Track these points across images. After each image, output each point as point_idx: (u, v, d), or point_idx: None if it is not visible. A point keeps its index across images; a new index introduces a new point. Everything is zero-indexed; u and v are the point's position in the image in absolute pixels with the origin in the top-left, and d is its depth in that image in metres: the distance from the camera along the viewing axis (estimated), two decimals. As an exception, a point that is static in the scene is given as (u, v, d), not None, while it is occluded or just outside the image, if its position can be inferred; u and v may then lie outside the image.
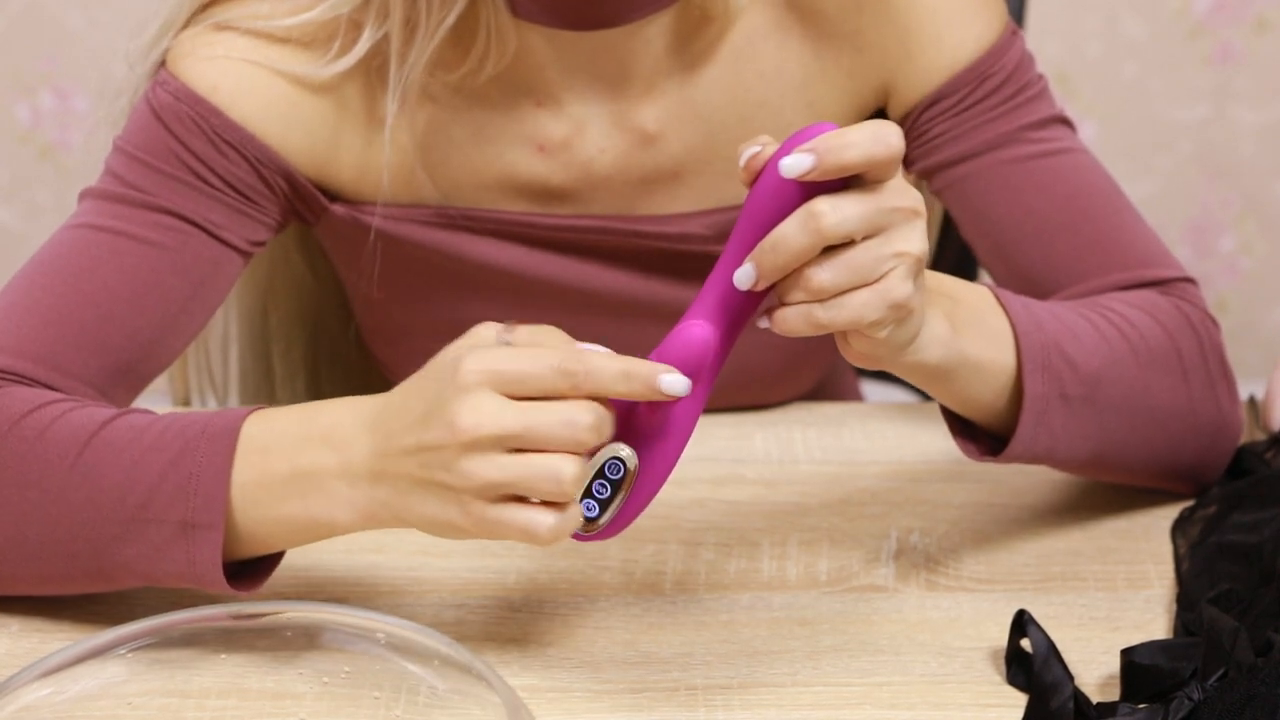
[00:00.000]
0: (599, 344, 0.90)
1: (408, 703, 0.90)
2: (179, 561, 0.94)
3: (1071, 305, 1.06)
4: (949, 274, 1.00)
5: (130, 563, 0.96)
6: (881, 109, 1.15)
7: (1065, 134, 1.13)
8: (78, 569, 0.97)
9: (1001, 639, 0.99)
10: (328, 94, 1.08)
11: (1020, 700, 0.95)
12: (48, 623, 1.01)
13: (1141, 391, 1.05)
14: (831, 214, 0.85)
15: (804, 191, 0.86)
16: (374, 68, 1.07)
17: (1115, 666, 0.97)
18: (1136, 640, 0.99)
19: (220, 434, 0.94)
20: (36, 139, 2.53)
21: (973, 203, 1.13)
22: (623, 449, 0.90)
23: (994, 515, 1.12)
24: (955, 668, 0.98)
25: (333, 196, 1.12)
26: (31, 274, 1.05)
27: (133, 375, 1.05)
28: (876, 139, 0.86)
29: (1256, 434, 1.18)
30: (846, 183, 0.87)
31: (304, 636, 0.91)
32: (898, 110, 1.14)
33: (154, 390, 1.09)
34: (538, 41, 1.08)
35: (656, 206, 1.14)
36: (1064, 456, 1.05)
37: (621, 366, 0.87)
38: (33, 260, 1.06)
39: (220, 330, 1.30)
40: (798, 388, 1.26)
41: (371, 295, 1.18)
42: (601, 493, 0.90)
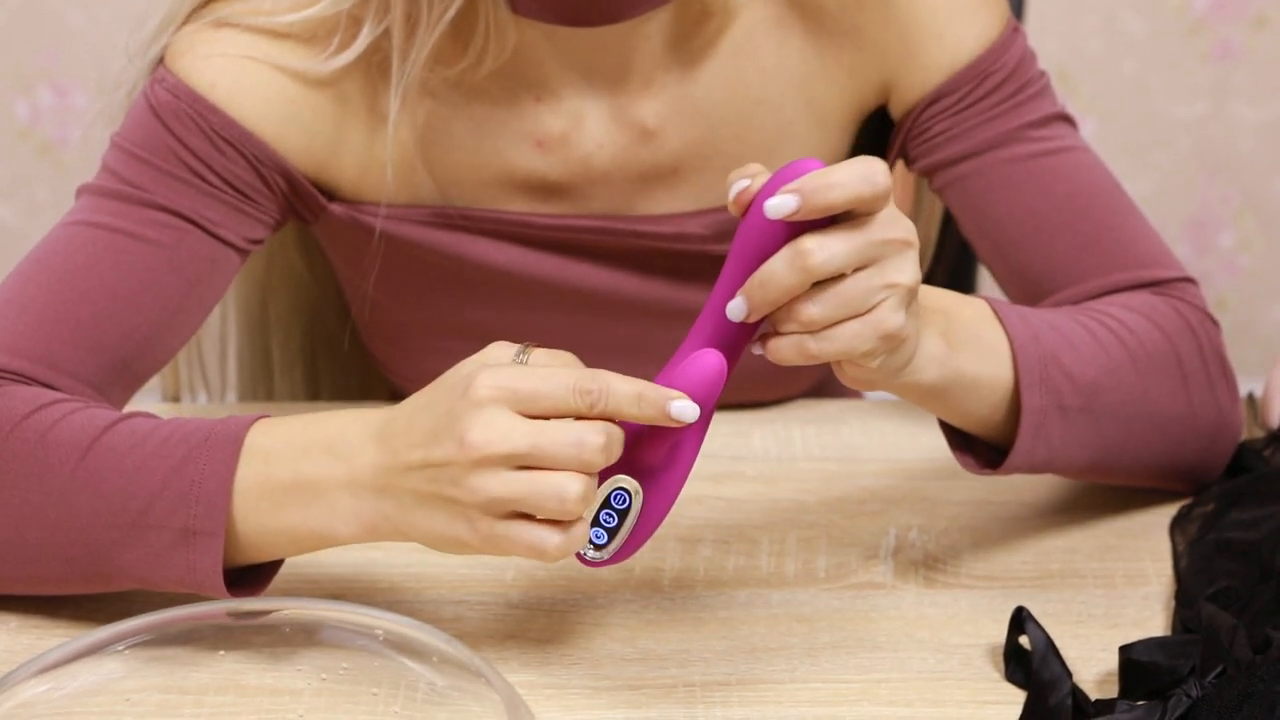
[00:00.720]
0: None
1: (406, 699, 0.90)
2: (179, 567, 0.94)
3: (1068, 312, 1.06)
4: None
5: (129, 567, 0.96)
6: (882, 106, 1.15)
7: (1067, 132, 1.13)
8: (75, 571, 0.97)
9: (1000, 636, 0.99)
10: (328, 90, 1.08)
11: (1018, 697, 0.95)
12: (46, 619, 1.01)
13: (1140, 398, 1.05)
14: (819, 252, 0.85)
15: (792, 227, 0.86)
16: (375, 63, 1.07)
17: (1113, 663, 0.97)
18: (1135, 637, 0.99)
19: (224, 441, 0.94)
20: (35, 136, 2.53)
21: (973, 202, 1.12)
22: (628, 481, 0.91)
23: (992, 512, 1.12)
24: (953, 665, 0.98)
25: (331, 195, 1.12)
26: (28, 271, 1.04)
27: (128, 373, 1.05)
28: (863, 178, 0.85)
29: (1255, 431, 1.18)
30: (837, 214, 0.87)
31: (302, 633, 0.90)
32: (898, 108, 1.13)
33: (146, 388, 1.08)
34: (537, 37, 1.07)
35: (655, 203, 1.14)
36: (1063, 465, 1.05)
37: (636, 389, 0.87)
38: (29, 257, 1.06)
39: (217, 323, 1.30)
40: (797, 386, 1.26)
41: (369, 294, 1.18)
42: (609, 521, 0.91)
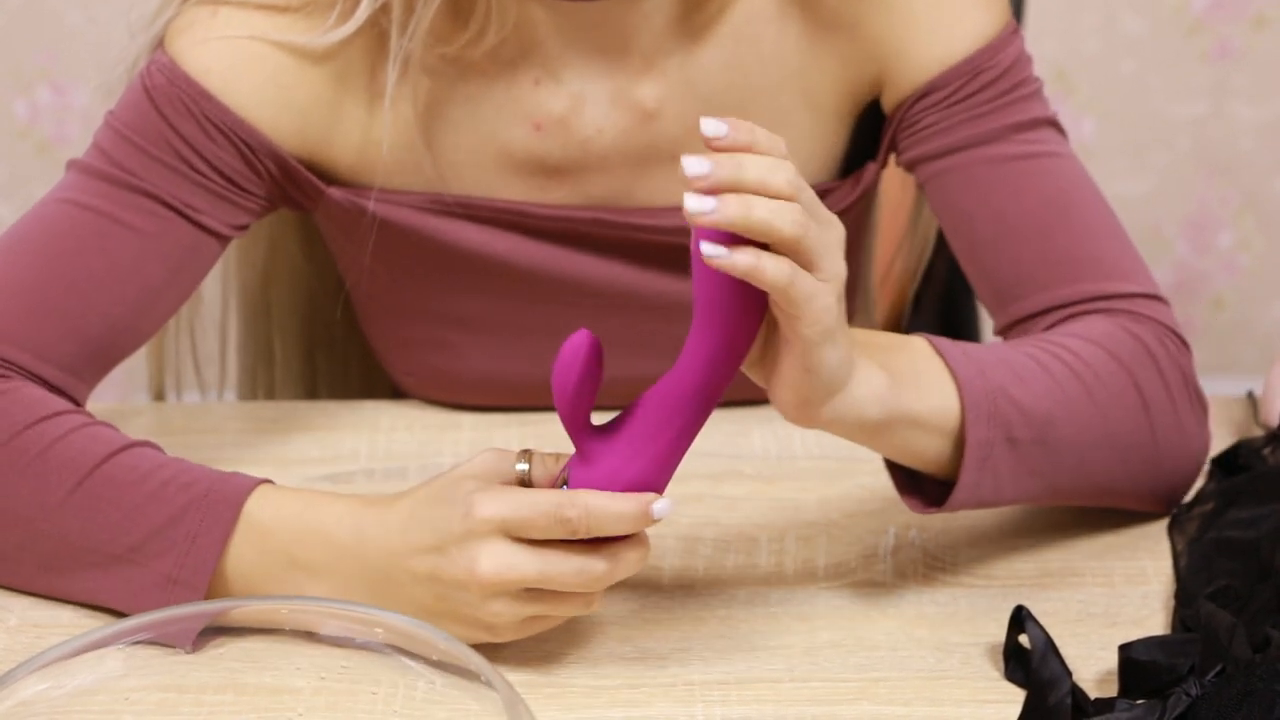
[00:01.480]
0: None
1: (405, 698, 0.90)
2: (152, 604, 0.97)
3: (1018, 345, 1.05)
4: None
5: (100, 591, 0.99)
6: (876, 99, 1.15)
7: (1052, 137, 1.12)
8: (42, 580, 1.01)
9: (999, 635, 0.99)
10: (328, 64, 1.08)
11: (1018, 696, 0.95)
12: (45, 617, 1.01)
13: (1098, 427, 1.04)
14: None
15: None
16: (374, 38, 1.08)
17: (1113, 662, 0.97)
18: (1134, 636, 0.98)
19: (223, 503, 0.98)
20: (34, 134, 2.53)
21: (949, 198, 1.12)
22: None
23: (992, 511, 1.11)
24: (953, 663, 0.98)
25: (329, 180, 1.12)
26: (17, 249, 1.07)
27: (103, 359, 1.08)
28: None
29: (1254, 430, 1.18)
30: None
31: (301, 632, 0.90)
32: (891, 101, 1.13)
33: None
34: (538, 13, 1.08)
35: (654, 189, 1.13)
36: (1015, 496, 1.04)
37: (615, 510, 0.92)
38: (16, 233, 1.07)
39: (218, 313, 1.30)
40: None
41: (367, 281, 1.18)
42: None
